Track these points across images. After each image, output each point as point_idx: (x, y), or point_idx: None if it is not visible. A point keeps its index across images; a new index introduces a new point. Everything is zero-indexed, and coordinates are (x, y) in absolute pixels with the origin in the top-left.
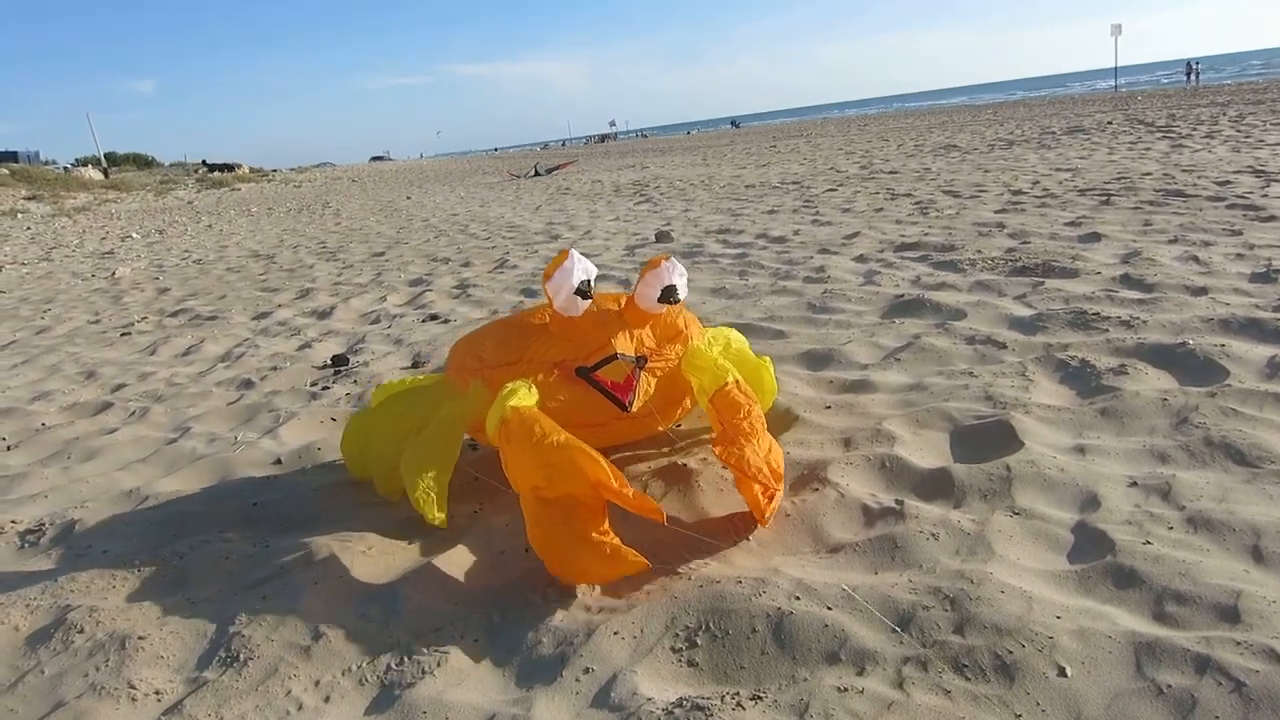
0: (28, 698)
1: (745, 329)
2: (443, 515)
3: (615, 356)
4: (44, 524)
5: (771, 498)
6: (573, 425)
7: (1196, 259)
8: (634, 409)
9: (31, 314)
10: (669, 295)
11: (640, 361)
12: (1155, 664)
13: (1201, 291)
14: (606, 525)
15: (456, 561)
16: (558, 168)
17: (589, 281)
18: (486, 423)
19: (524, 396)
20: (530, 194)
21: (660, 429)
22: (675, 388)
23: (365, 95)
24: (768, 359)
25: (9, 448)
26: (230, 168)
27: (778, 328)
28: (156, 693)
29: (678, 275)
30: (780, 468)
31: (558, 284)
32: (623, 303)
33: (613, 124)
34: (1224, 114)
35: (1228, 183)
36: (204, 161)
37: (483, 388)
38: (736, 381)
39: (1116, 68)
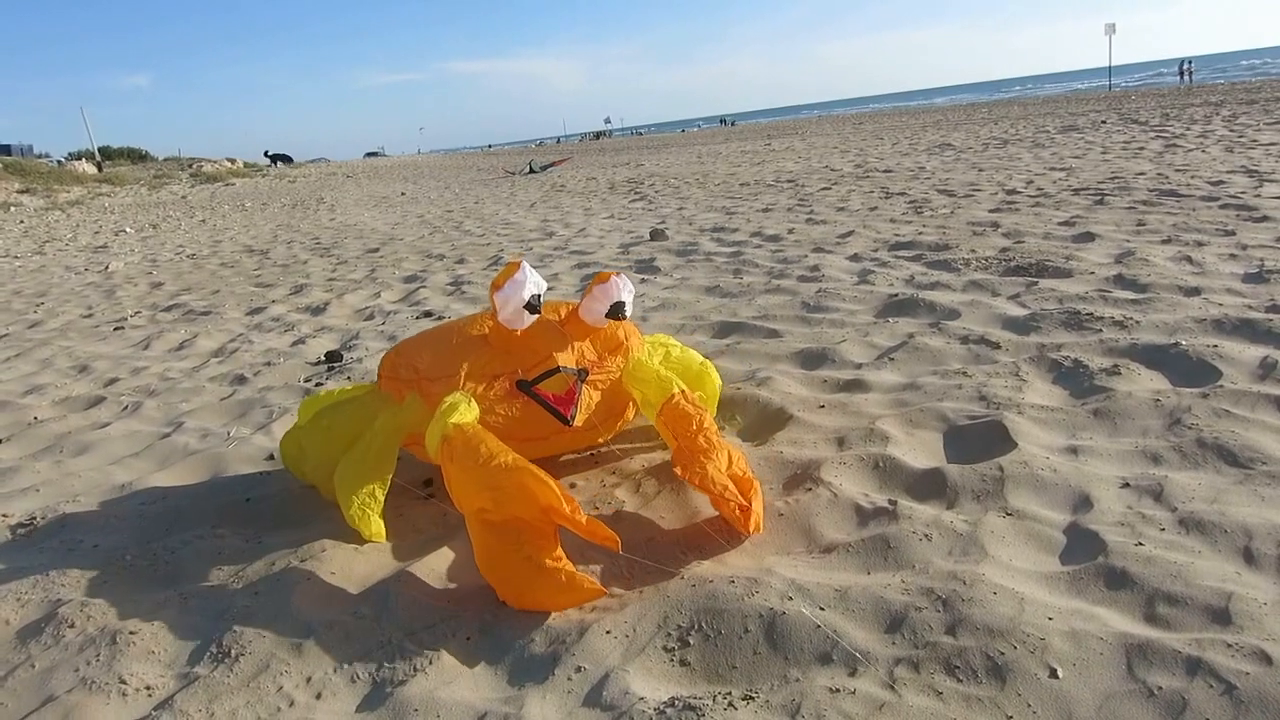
0: (17, 692)
1: (739, 327)
2: (380, 530)
3: (558, 369)
4: (35, 518)
5: (747, 511)
6: (514, 439)
7: (1190, 259)
8: (576, 422)
9: (24, 307)
10: (616, 311)
11: (582, 374)
12: (1146, 666)
13: (1195, 292)
14: (559, 551)
15: (449, 560)
16: (552, 165)
17: (539, 296)
18: (427, 439)
19: (465, 411)
20: (525, 191)
21: (601, 441)
22: (617, 400)
23: (361, 91)
24: (708, 361)
25: (1, 441)
26: (288, 159)
27: (772, 326)
28: (147, 688)
29: (626, 292)
30: (747, 472)
31: (507, 295)
32: (563, 314)
33: (608, 121)
34: (1217, 114)
35: (1221, 183)
36: (266, 152)
37: (419, 400)
38: (683, 392)
39: (1110, 67)
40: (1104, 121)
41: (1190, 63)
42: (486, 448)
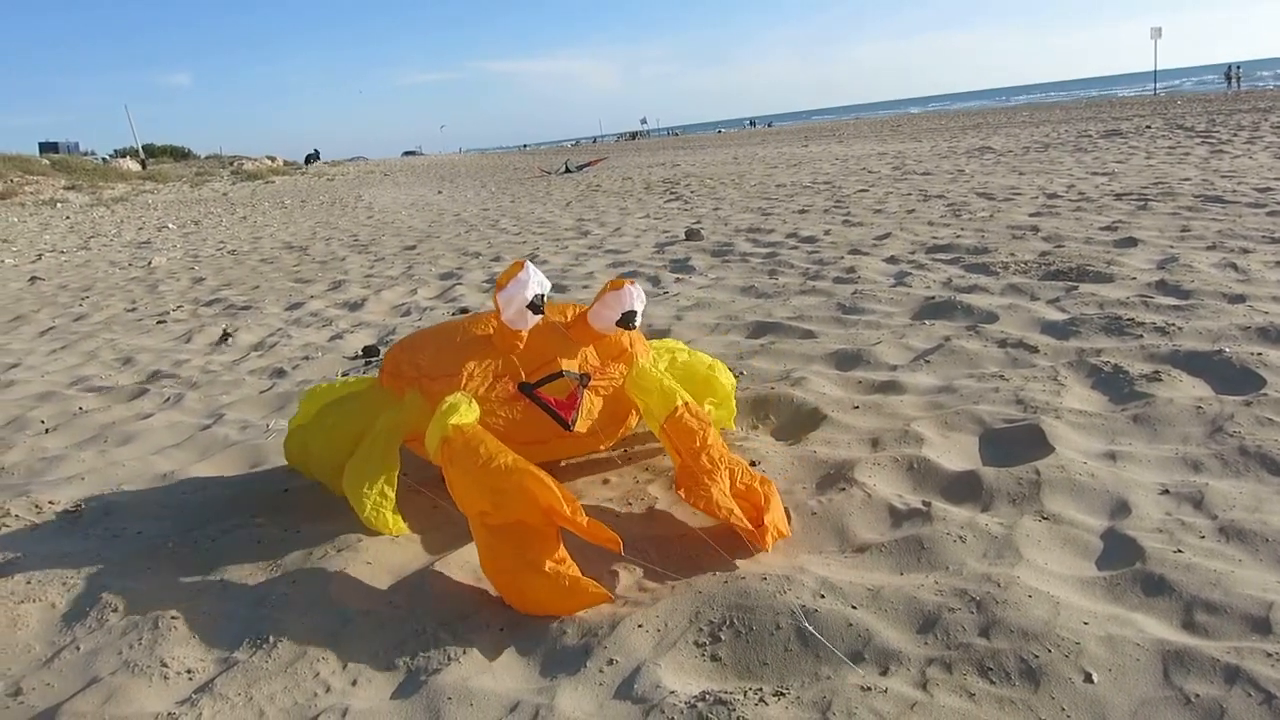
0: (63, 673)
1: (774, 328)
2: (400, 525)
3: (561, 374)
4: (81, 505)
5: (757, 533)
6: (513, 442)
7: (1235, 266)
8: (577, 428)
9: (70, 301)
10: (628, 321)
11: (584, 379)
12: (1183, 673)
13: (1239, 299)
14: (563, 553)
15: None
16: (588, 164)
17: (543, 296)
18: (426, 439)
19: (465, 412)
20: (560, 190)
21: (602, 448)
22: (619, 406)
23: (398, 90)
24: (718, 361)
25: (47, 430)
26: (316, 156)
27: (807, 327)
28: (188, 671)
29: (639, 301)
30: (752, 483)
31: (510, 295)
32: (569, 315)
33: (644, 121)
34: (1265, 119)
35: (1269, 189)
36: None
37: (419, 398)
38: (686, 404)
39: (1156, 71)
40: (1148, 126)
41: (1239, 67)
42: (486, 449)
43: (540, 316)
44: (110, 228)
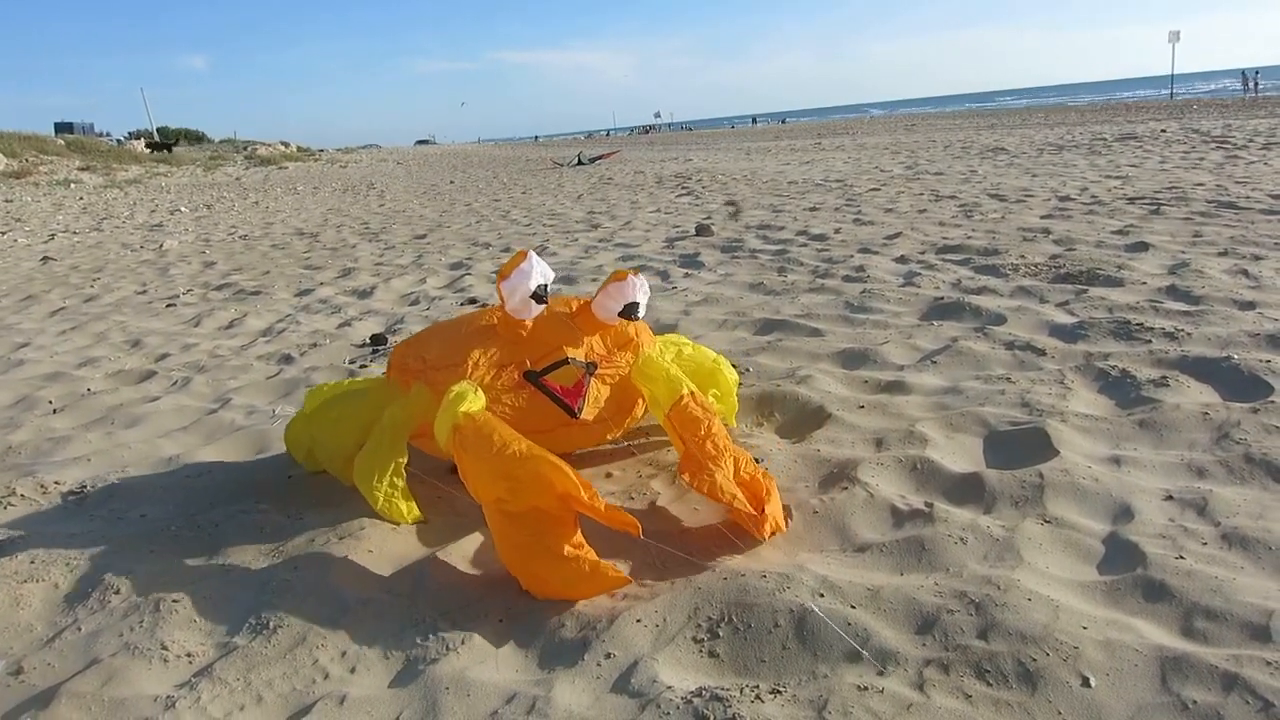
0: (64, 653)
1: (781, 325)
2: (413, 512)
3: (566, 361)
4: (86, 486)
5: (759, 520)
6: (519, 430)
7: (1246, 272)
8: (583, 415)
9: (81, 282)
10: (630, 312)
11: (591, 367)
12: (1181, 679)
13: (1250, 306)
14: (580, 538)
15: (483, 543)
16: (601, 157)
17: (545, 286)
18: (436, 428)
19: (472, 400)
20: (572, 182)
21: (610, 437)
22: (626, 395)
23: (414, 79)
24: (722, 357)
25: (55, 411)
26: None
27: (814, 325)
28: (188, 655)
29: (642, 293)
30: (755, 475)
31: (513, 285)
32: (574, 307)
33: (657, 115)
34: None
35: None
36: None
37: (425, 389)
38: (692, 394)
39: (1173, 75)
40: (1163, 130)
41: (1256, 72)
42: (499, 436)
43: (544, 306)
44: (123, 210)
